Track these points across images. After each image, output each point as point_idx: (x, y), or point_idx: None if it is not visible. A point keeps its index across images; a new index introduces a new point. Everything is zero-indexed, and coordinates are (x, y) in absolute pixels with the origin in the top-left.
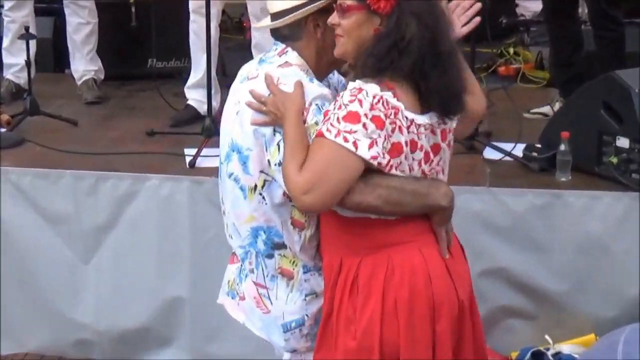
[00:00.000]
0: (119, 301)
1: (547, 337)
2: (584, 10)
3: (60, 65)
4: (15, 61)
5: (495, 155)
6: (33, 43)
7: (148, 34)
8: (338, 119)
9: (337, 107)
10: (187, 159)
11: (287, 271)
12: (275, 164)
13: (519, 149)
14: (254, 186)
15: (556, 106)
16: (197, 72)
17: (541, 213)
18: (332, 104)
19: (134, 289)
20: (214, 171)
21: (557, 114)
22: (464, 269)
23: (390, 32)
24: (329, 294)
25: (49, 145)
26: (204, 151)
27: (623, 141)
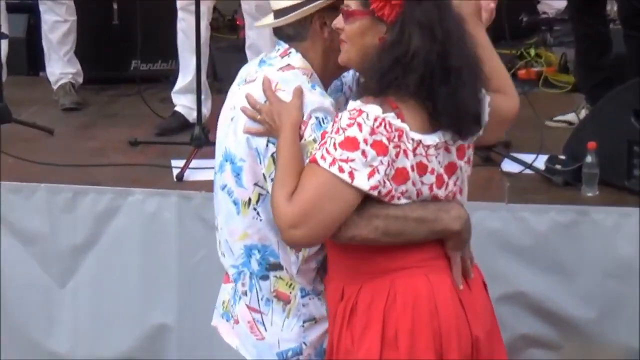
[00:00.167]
0: (99, 329)
1: None
2: (612, 8)
3: (35, 68)
4: None
5: (514, 168)
6: (5, 43)
7: (132, 33)
8: (334, 144)
9: (335, 131)
10: (175, 171)
11: (283, 295)
12: (270, 178)
13: (540, 161)
14: (247, 200)
15: (582, 113)
16: (186, 75)
17: (565, 232)
18: (331, 124)
19: (115, 316)
20: (203, 185)
21: (583, 122)
22: (482, 305)
23: (394, 44)
24: (331, 324)
25: (22, 156)
26: (193, 163)
27: None
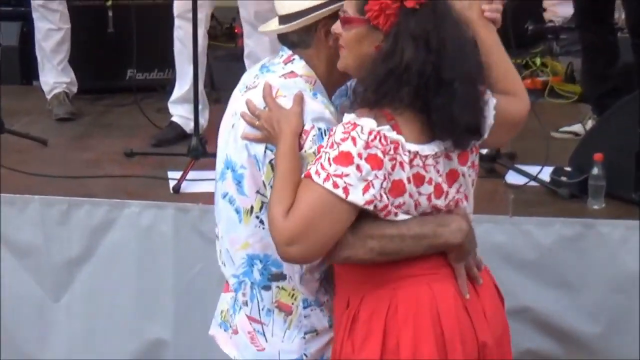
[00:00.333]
0: (93, 344)
1: None
2: (620, 16)
3: (28, 77)
4: None
5: (519, 180)
6: None
7: (127, 41)
8: (329, 159)
9: (329, 145)
10: (171, 183)
11: (285, 305)
12: (270, 185)
13: (546, 173)
14: (250, 208)
15: (588, 124)
16: (183, 85)
17: (571, 245)
18: (326, 139)
19: (110, 330)
20: (201, 197)
21: (590, 133)
22: (492, 310)
23: (388, 55)
24: (335, 333)
25: (15, 168)
26: (191, 174)
27: None
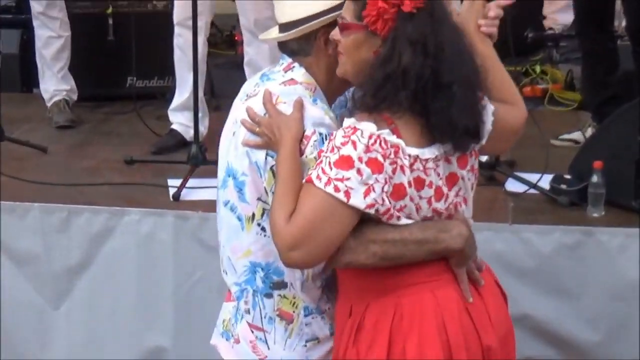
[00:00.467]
0: (93, 351)
1: None
2: (620, 24)
3: (28, 84)
4: None
5: (518, 188)
6: None
7: (127, 49)
8: (330, 164)
9: (330, 150)
10: (171, 190)
11: (286, 314)
12: (272, 191)
13: (545, 181)
14: (251, 215)
15: (588, 132)
16: (183, 92)
17: (571, 253)
18: (326, 143)
19: (110, 338)
20: (201, 205)
21: (589, 140)
22: (495, 309)
23: (386, 60)
24: (337, 340)
25: (15, 175)
26: (190, 182)
27: None
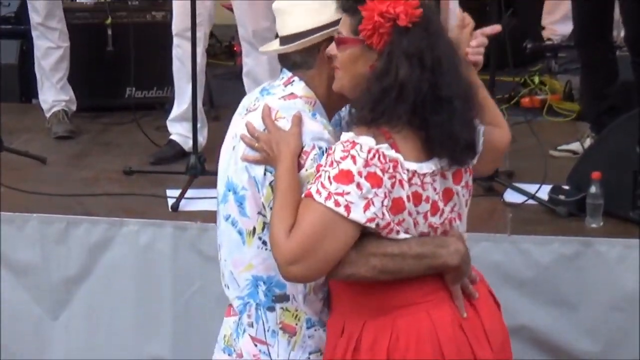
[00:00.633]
0: None
1: None
2: (619, 34)
3: (27, 95)
4: None
5: (517, 199)
6: None
7: (126, 60)
8: (329, 178)
9: (329, 164)
10: (170, 201)
11: (289, 327)
12: (270, 207)
13: (544, 191)
14: (252, 229)
15: (587, 142)
16: (182, 103)
17: (569, 264)
18: (325, 157)
19: (108, 349)
20: (199, 215)
21: (588, 151)
22: (490, 321)
23: (382, 74)
24: (327, 356)
25: (14, 186)
26: (189, 192)
27: None
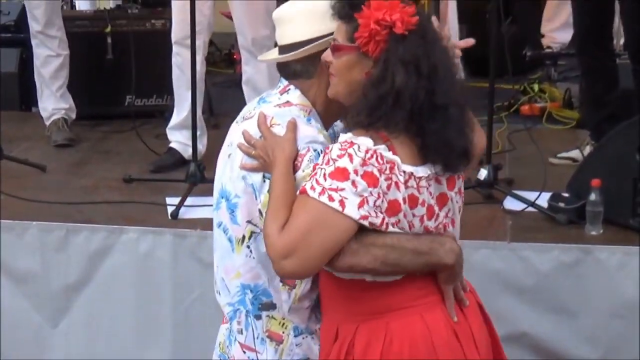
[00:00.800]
0: None
1: None
2: (618, 42)
3: (27, 103)
4: None
5: (517, 206)
6: None
7: (126, 68)
8: (324, 175)
9: (325, 162)
10: (170, 209)
11: (275, 334)
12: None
13: (543, 199)
14: (241, 238)
15: (586, 150)
16: (181, 111)
17: (569, 271)
18: (321, 157)
19: (108, 356)
20: (199, 223)
21: (588, 159)
22: (478, 328)
23: (379, 81)
24: None
25: (13, 194)
26: (189, 200)
27: None
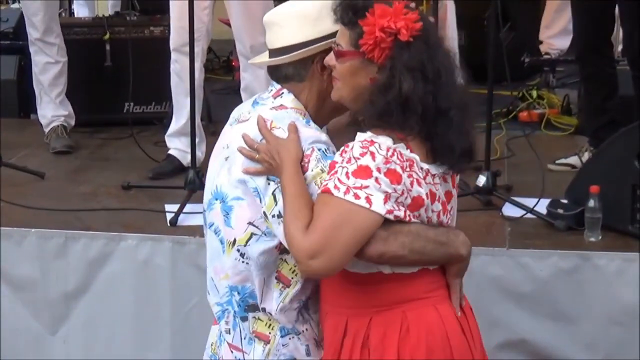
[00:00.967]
0: None
1: None
2: (616, 48)
3: (26, 110)
4: None
5: (515, 213)
6: None
7: (125, 75)
8: (347, 174)
9: (346, 161)
10: (169, 216)
11: (262, 335)
12: (273, 216)
13: (542, 205)
14: (232, 241)
15: (585, 156)
16: (180, 118)
17: (568, 278)
18: (339, 155)
19: None
20: (198, 230)
21: (586, 165)
22: (474, 326)
23: (386, 88)
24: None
25: (12, 201)
26: (188, 207)
27: None
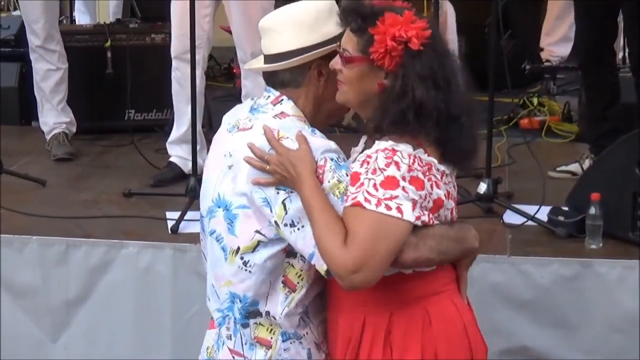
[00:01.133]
0: None
1: None
2: (617, 56)
3: (27, 117)
4: None
5: (516, 220)
6: None
7: (126, 82)
8: (375, 185)
9: (372, 172)
10: (170, 223)
11: (264, 340)
12: (285, 225)
13: (543, 213)
14: (236, 249)
15: (586, 164)
16: (181, 125)
17: (569, 285)
18: (360, 165)
19: None
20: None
21: (587, 172)
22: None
23: (400, 94)
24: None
25: (13, 208)
26: (189, 214)
27: None
